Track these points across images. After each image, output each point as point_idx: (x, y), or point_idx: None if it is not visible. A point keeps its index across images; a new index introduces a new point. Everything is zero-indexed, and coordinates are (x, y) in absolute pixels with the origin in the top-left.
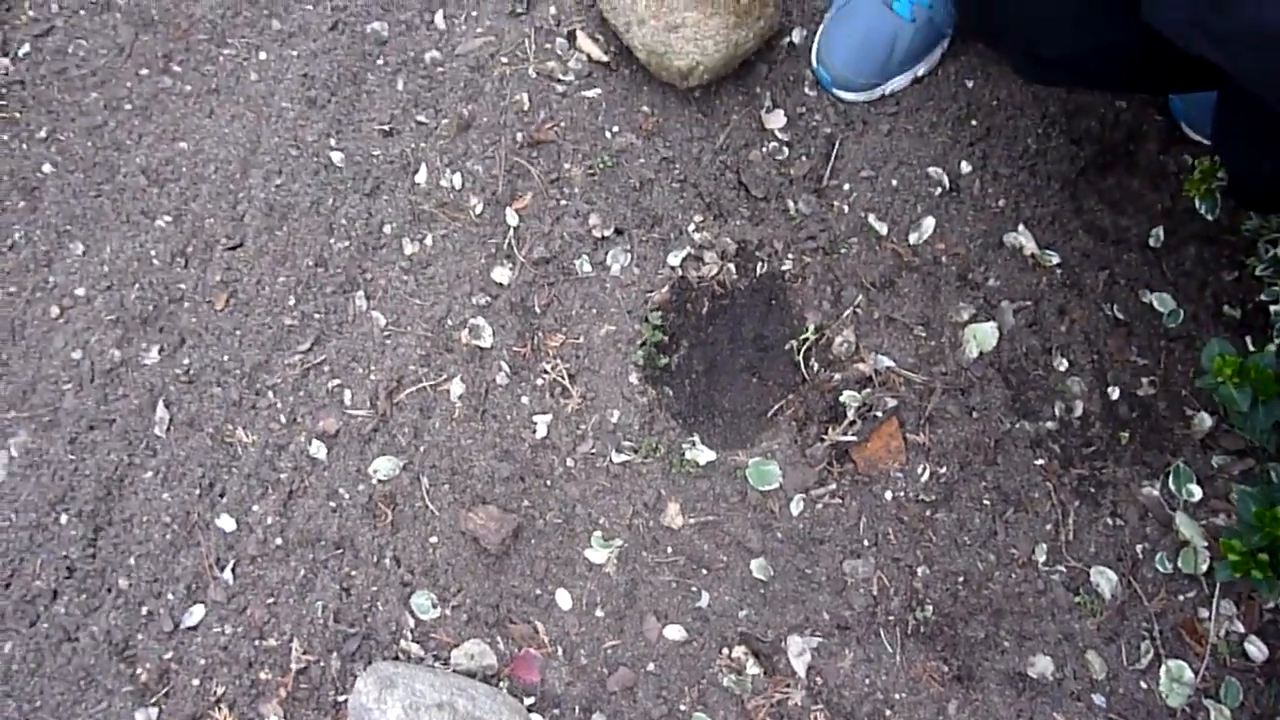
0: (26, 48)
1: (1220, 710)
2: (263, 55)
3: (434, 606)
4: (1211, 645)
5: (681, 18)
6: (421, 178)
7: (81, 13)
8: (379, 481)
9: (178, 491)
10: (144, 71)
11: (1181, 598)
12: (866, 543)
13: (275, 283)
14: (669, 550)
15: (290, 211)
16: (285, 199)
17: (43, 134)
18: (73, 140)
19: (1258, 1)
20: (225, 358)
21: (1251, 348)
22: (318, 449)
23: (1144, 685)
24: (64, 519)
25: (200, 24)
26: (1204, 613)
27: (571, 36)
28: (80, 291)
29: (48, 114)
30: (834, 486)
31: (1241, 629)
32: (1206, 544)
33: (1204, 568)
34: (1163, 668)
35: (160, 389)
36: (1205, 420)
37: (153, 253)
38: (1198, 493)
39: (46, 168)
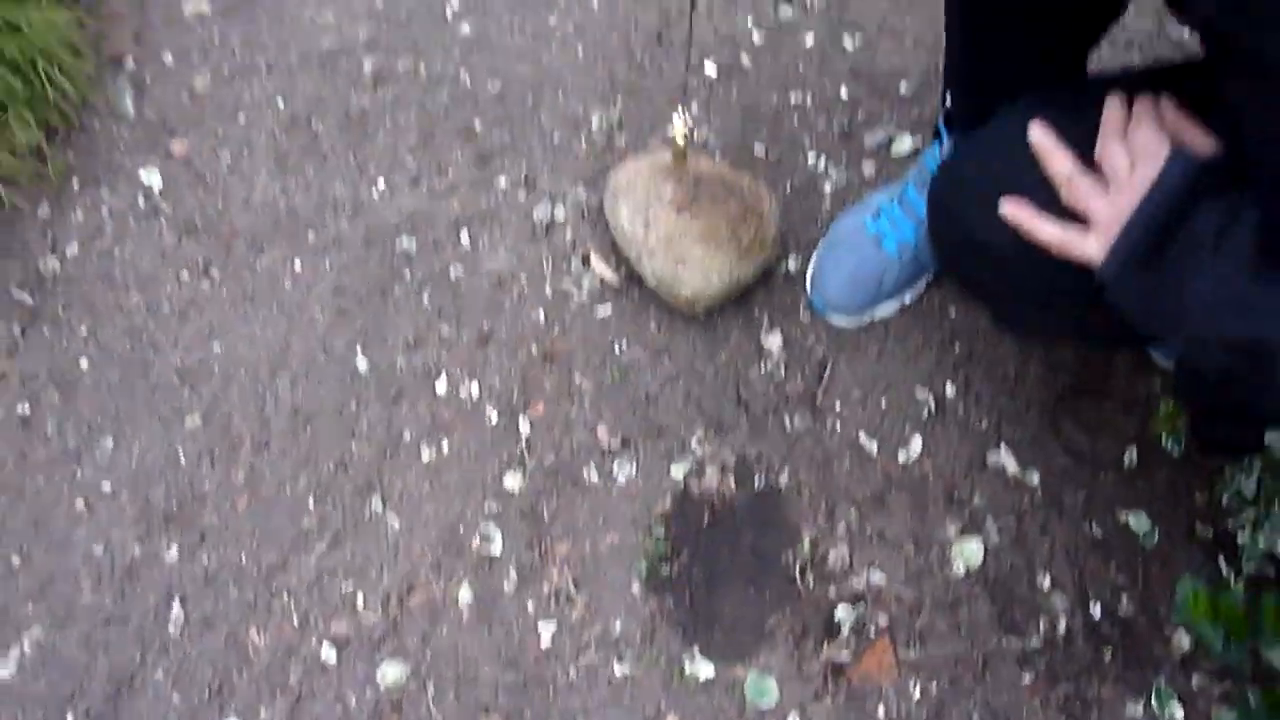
0: (75, 249)
1: None
2: (298, 265)
3: None
4: None
5: (688, 252)
6: (442, 388)
7: (130, 218)
8: (386, 689)
9: (188, 693)
10: (184, 275)
11: None
12: None
13: (296, 484)
14: None
15: (315, 416)
16: (311, 403)
17: (84, 331)
18: (112, 339)
19: (1207, 316)
20: (243, 558)
21: (1225, 567)
22: (328, 653)
23: None
24: (71, 718)
25: (241, 233)
26: None
27: (585, 259)
28: (107, 488)
29: (90, 313)
30: (829, 702)
31: None
32: None
33: None
34: None
35: (177, 587)
36: (1184, 640)
37: (180, 451)
38: (1180, 713)
39: (84, 364)
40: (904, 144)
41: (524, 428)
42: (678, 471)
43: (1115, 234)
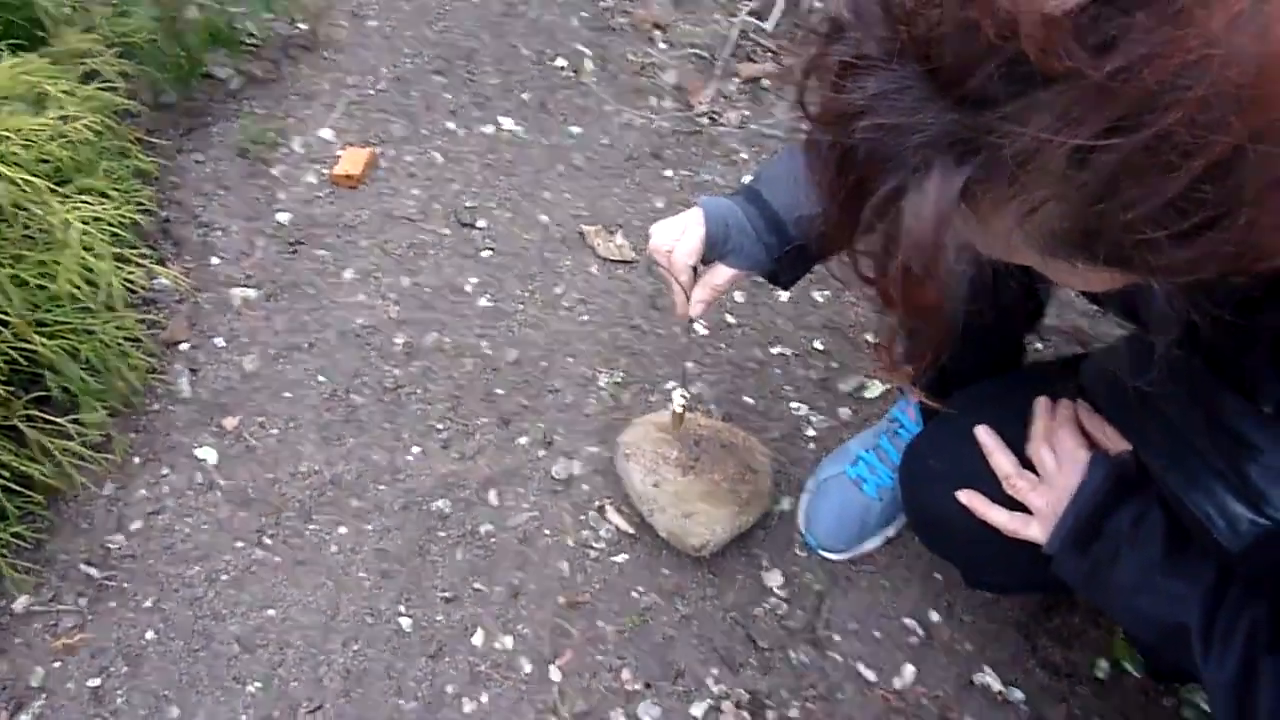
0: (138, 524)
1: None
2: (342, 530)
3: None
4: None
5: (695, 508)
6: (479, 640)
7: (189, 493)
8: None
9: None
10: (239, 544)
11: None
12: None
13: None
14: None
15: (364, 676)
16: (360, 664)
17: (149, 604)
18: (175, 610)
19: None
20: None
21: None
22: None
23: None
24: None
25: (290, 502)
26: None
27: (602, 510)
28: None
29: (154, 585)
30: None
31: None
32: None
33: None
34: None
35: None
36: None
37: (242, 717)
38: None
39: (149, 635)
40: (874, 389)
41: (555, 676)
42: (697, 710)
43: (1052, 525)
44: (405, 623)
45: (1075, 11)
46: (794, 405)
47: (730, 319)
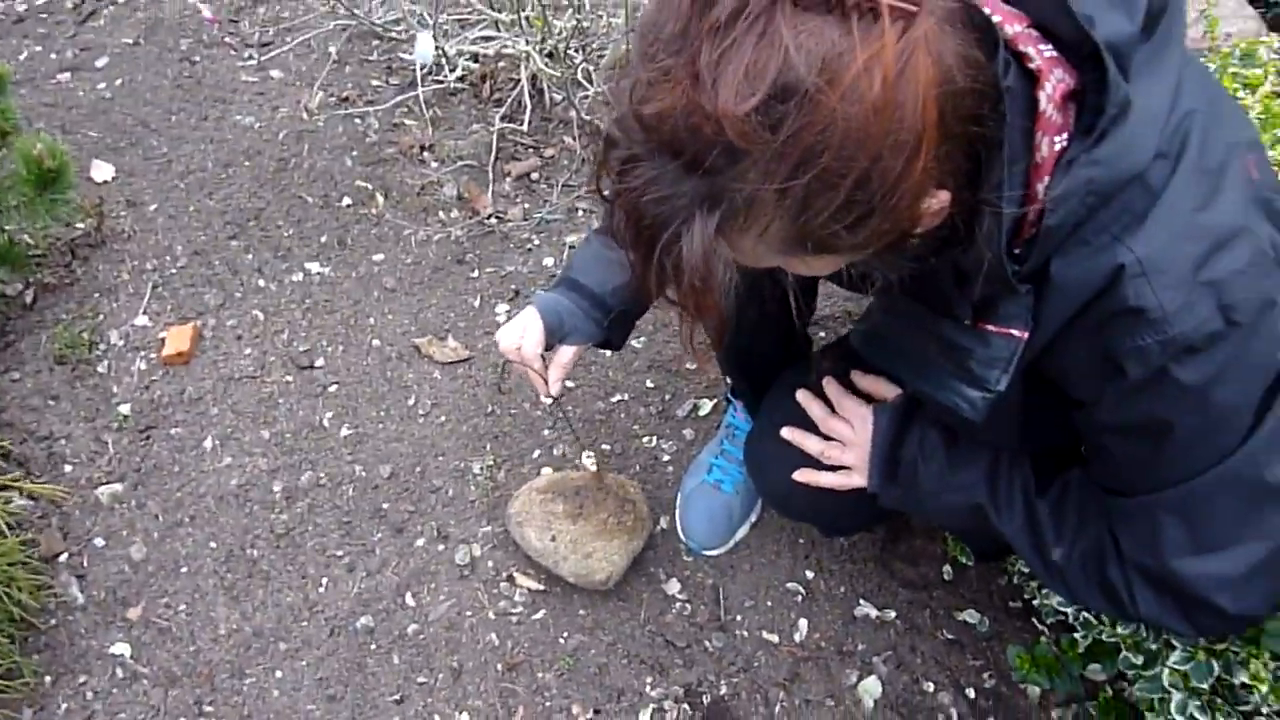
0: None
1: None
2: (279, 674)
3: None
4: None
5: (591, 548)
6: None
7: (114, 691)
8: None
9: None
10: None
11: None
12: None
13: None
14: None
15: None
16: None
17: None
18: None
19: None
20: None
21: (1038, 625)
22: None
23: None
24: None
25: (219, 666)
26: None
27: (511, 579)
28: None
29: None
30: None
31: None
32: None
33: None
34: None
35: None
36: (1035, 690)
37: None
38: None
39: None
40: (705, 407)
41: None
42: (644, 717)
43: (866, 471)
44: None
45: (752, 110)
46: (645, 439)
47: (570, 383)
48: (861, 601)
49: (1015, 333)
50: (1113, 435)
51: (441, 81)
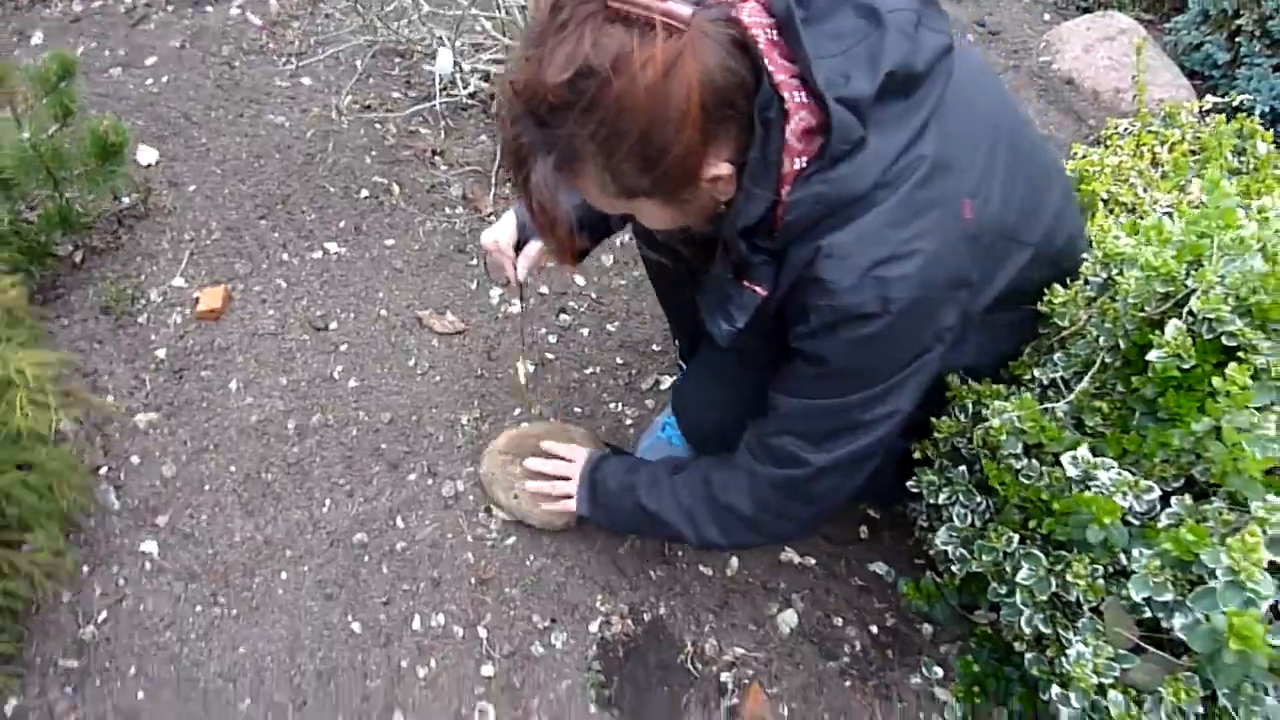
0: (104, 614)
1: None
2: (284, 575)
3: None
4: None
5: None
6: (417, 624)
7: (142, 580)
8: None
9: None
10: (199, 608)
11: None
12: None
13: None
14: None
15: (334, 673)
16: (328, 665)
17: (132, 671)
18: (157, 669)
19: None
20: None
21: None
22: None
23: None
24: None
25: (233, 567)
26: None
27: (489, 511)
28: None
29: (132, 656)
30: None
31: None
32: (955, 701)
33: (959, 715)
34: None
35: None
36: (927, 628)
37: None
38: (940, 671)
39: (140, 695)
40: (665, 382)
41: (482, 633)
42: (594, 628)
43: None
44: (356, 627)
45: (564, 83)
46: (612, 406)
47: (550, 355)
48: (787, 549)
49: (759, 290)
50: (797, 356)
51: (454, 96)
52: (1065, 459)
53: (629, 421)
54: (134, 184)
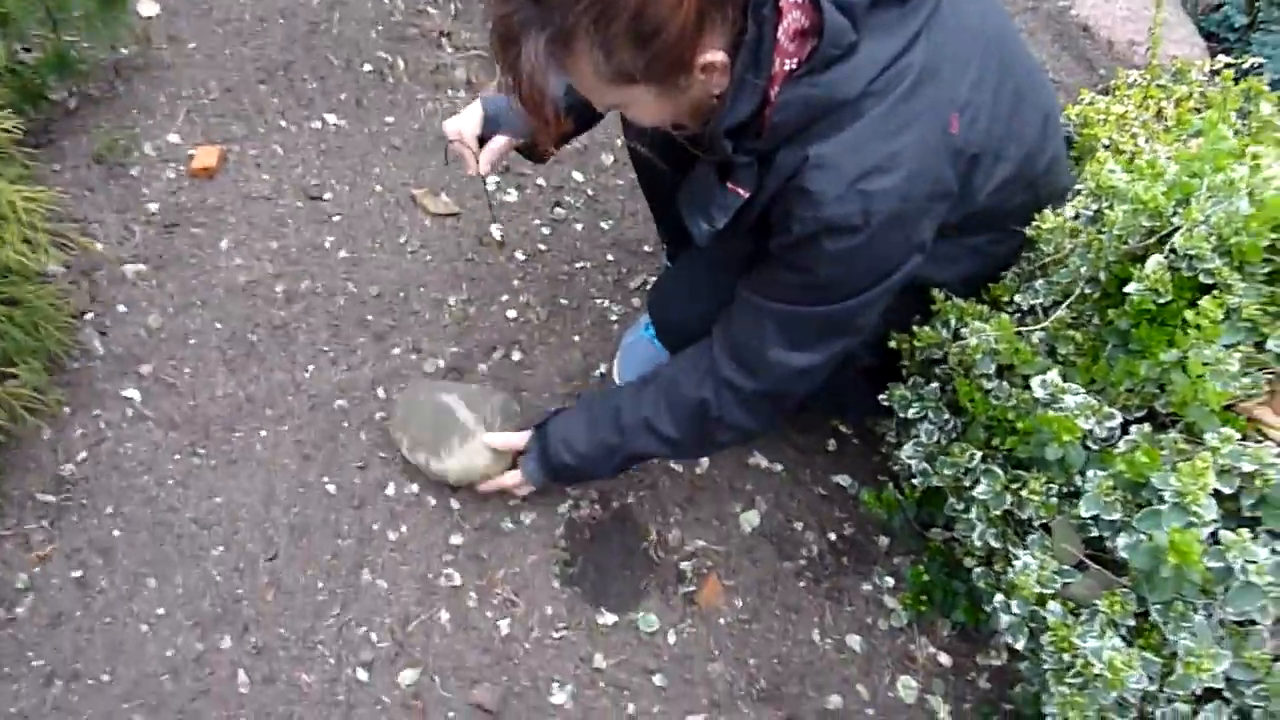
0: (84, 454)
1: (936, 699)
2: (263, 433)
3: None
4: (922, 664)
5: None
6: (391, 490)
7: (123, 425)
8: (407, 685)
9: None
10: (177, 456)
11: (898, 640)
12: (717, 651)
13: (305, 575)
14: (601, 684)
15: (307, 528)
16: (301, 520)
17: (109, 510)
18: (134, 511)
19: None
20: (282, 630)
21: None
22: (362, 674)
23: (890, 695)
24: None
25: (214, 420)
26: (912, 646)
27: None
28: (161, 611)
29: (110, 496)
30: (690, 622)
31: (933, 649)
32: (902, 608)
33: (905, 621)
34: (898, 682)
35: (239, 662)
36: (884, 540)
37: (214, 573)
38: (890, 580)
39: (116, 533)
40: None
41: (454, 504)
42: (564, 509)
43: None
44: (331, 488)
45: None
46: (599, 301)
47: (542, 246)
48: (756, 453)
49: (741, 191)
50: (776, 259)
51: None
52: (1034, 381)
53: (614, 317)
54: (134, 34)
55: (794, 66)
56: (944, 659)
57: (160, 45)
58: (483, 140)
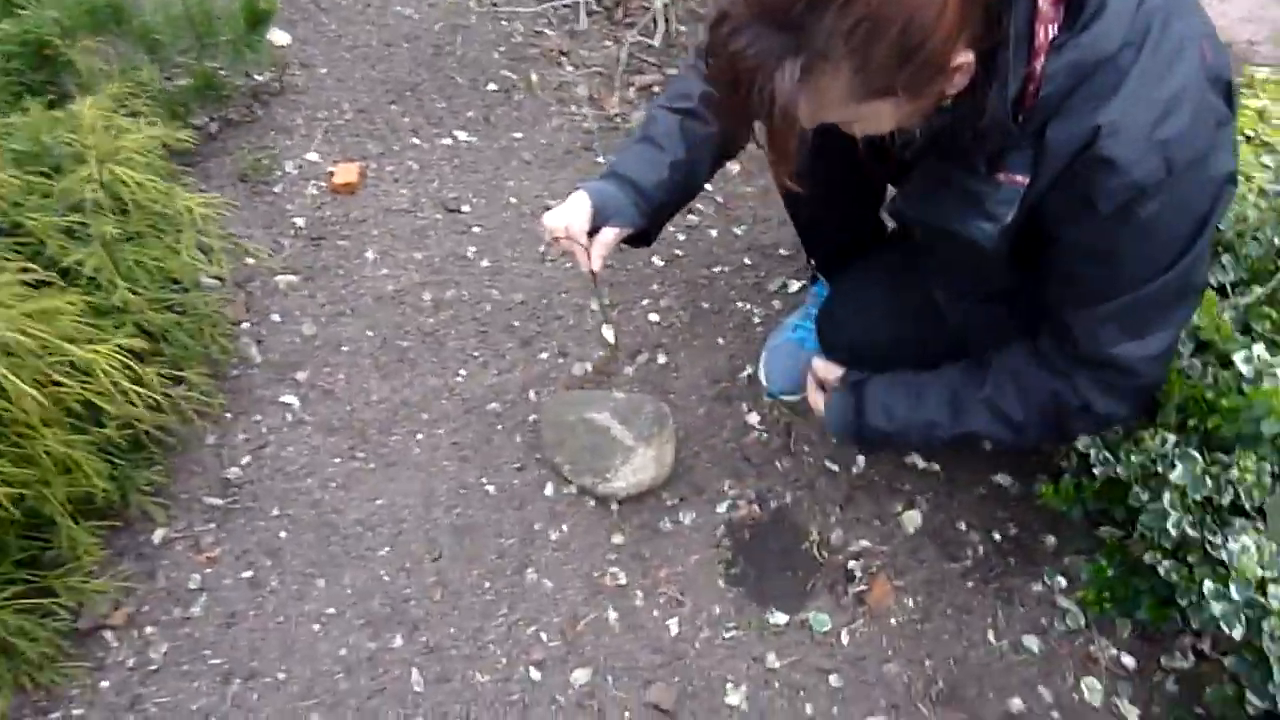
0: (247, 459)
1: (1124, 703)
2: (420, 437)
3: None
4: (1104, 666)
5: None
6: (550, 491)
7: (284, 430)
8: (581, 685)
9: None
10: (337, 460)
11: (1077, 641)
12: (890, 652)
13: (471, 575)
14: (776, 684)
15: (469, 529)
16: (464, 521)
17: (275, 512)
18: (299, 513)
19: None
20: (452, 630)
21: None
22: (535, 674)
23: (1075, 698)
24: None
25: (371, 424)
26: (1092, 647)
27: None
28: (333, 610)
29: (275, 499)
30: (862, 621)
31: (1115, 650)
32: (1079, 609)
33: (1081, 623)
34: (1082, 684)
35: (411, 660)
36: (1050, 540)
37: (381, 573)
38: (1063, 580)
39: (283, 534)
40: (793, 285)
41: (614, 506)
42: (722, 509)
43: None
44: (491, 489)
45: None
46: (739, 304)
47: (678, 252)
48: (913, 454)
49: (1019, 178)
50: (1079, 260)
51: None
52: (1238, 357)
53: (757, 320)
54: (272, 59)
55: (1055, 34)
56: (1127, 660)
57: (294, 71)
58: (591, 233)
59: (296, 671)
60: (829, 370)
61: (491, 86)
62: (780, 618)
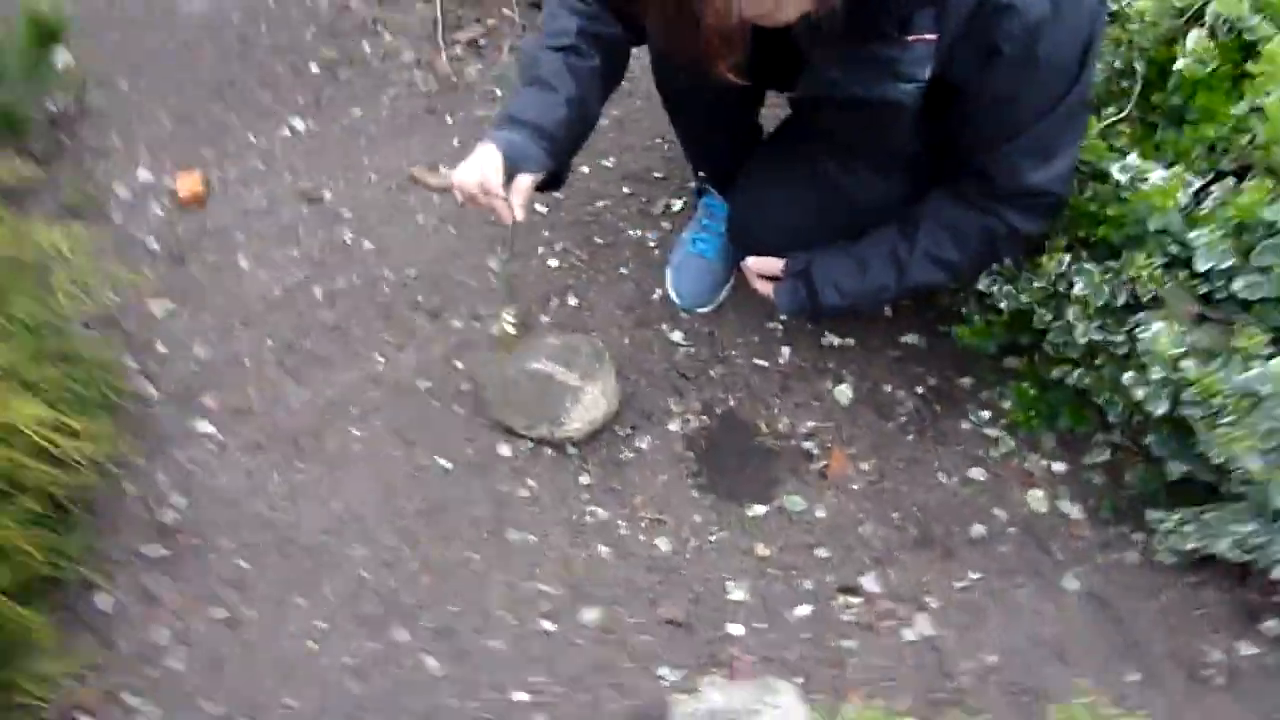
0: (178, 498)
1: (1065, 503)
2: (356, 432)
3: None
4: (1038, 477)
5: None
6: (506, 451)
7: (208, 459)
8: (594, 623)
9: (475, 697)
10: (276, 476)
11: (1012, 462)
12: (861, 515)
13: (453, 551)
14: (771, 570)
15: (437, 509)
16: (429, 504)
17: (227, 545)
18: (253, 538)
19: None
20: (452, 608)
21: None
22: (548, 625)
23: (1024, 510)
24: None
25: (299, 432)
26: (1025, 464)
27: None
28: (321, 624)
29: (222, 531)
30: (830, 493)
31: (1045, 462)
32: (1006, 434)
33: (1011, 446)
34: (1027, 497)
35: (421, 648)
36: (965, 381)
37: (361, 573)
38: (986, 414)
39: (243, 564)
40: (676, 204)
41: (571, 450)
42: (674, 427)
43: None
44: (447, 465)
45: None
46: (631, 232)
47: (558, 195)
48: (827, 334)
49: (929, 36)
50: (988, 106)
51: None
52: (1114, 168)
53: (652, 243)
54: (62, 83)
55: None
56: (1057, 467)
57: (91, 91)
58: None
59: (304, 693)
60: (767, 264)
61: (314, 68)
62: (758, 509)
